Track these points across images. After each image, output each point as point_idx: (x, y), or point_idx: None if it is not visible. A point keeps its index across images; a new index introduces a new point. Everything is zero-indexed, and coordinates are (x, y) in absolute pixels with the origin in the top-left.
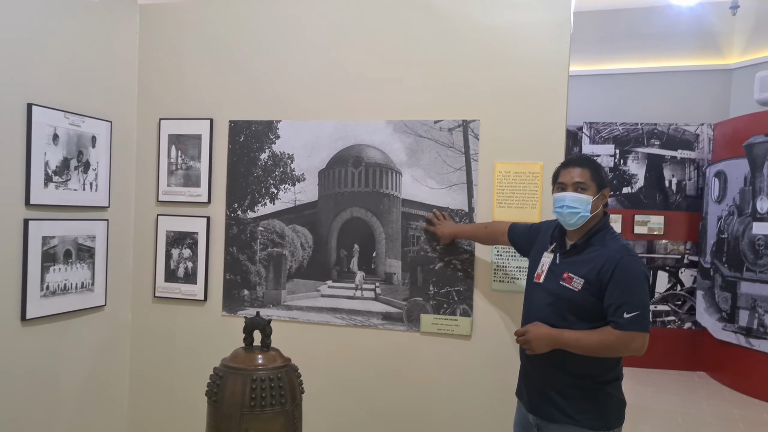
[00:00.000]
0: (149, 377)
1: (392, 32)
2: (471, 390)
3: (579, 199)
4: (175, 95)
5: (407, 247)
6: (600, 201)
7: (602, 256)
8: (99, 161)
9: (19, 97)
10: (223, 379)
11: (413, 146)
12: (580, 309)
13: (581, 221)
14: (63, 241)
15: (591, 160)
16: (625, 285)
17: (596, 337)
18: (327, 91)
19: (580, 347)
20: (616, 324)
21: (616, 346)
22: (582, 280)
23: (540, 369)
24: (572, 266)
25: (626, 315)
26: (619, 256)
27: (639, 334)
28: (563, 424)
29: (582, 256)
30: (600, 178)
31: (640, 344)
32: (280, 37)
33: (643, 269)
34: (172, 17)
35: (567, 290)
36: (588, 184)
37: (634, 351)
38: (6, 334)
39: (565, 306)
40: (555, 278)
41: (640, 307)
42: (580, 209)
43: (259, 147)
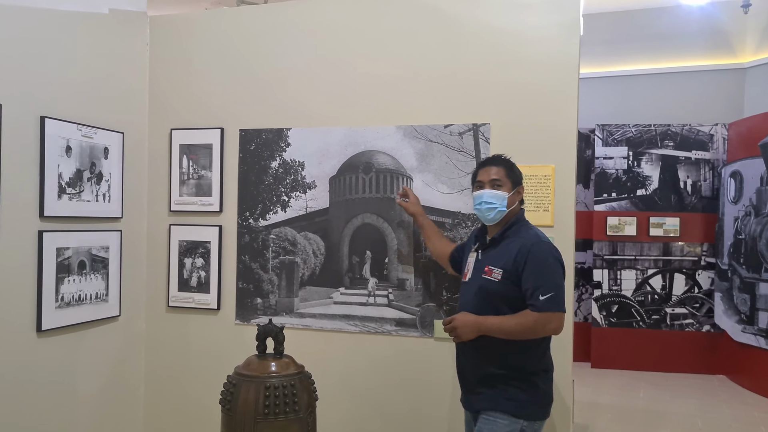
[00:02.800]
0: (164, 386)
1: (400, 37)
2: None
3: (496, 195)
4: (185, 105)
5: (419, 253)
6: (515, 197)
7: (517, 245)
8: (111, 172)
9: (32, 110)
10: (237, 387)
11: (424, 151)
12: (503, 298)
13: (499, 216)
14: (77, 252)
15: (506, 159)
16: (539, 269)
17: (516, 320)
18: (336, 98)
19: (502, 331)
20: (533, 306)
21: (535, 327)
22: (501, 271)
23: (473, 363)
24: (492, 259)
25: (541, 297)
26: (531, 243)
27: (555, 314)
28: (489, 410)
29: (499, 248)
30: (515, 175)
31: (557, 324)
32: (289, 46)
33: (555, 254)
34: (181, 28)
35: (489, 282)
36: (503, 181)
37: (552, 331)
38: (22, 346)
39: (488, 297)
40: (478, 273)
41: (554, 289)
42: (497, 204)
43: (270, 155)
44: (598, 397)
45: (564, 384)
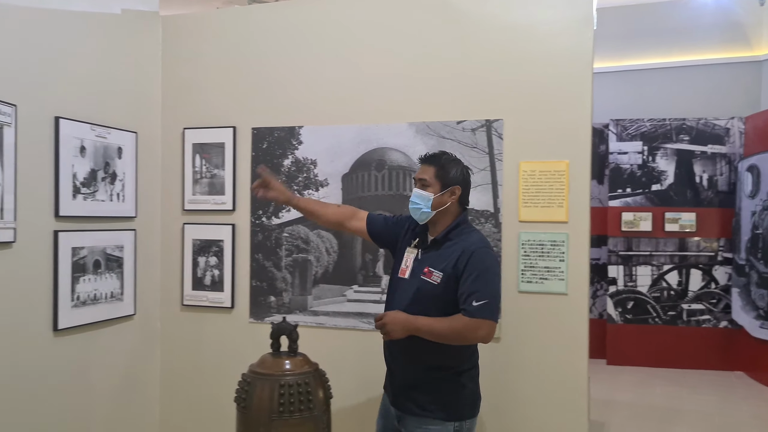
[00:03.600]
0: (179, 384)
1: (411, 34)
2: (501, 394)
3: (420, 196)
4: (198, 104)
5: None
6: (445, 198)
7: (459, 249)
8: (125, 172)
9: (46, 111)
10: (252, 385)
11: (436, 147)
12: (440, 301)
13: (424, 216)
14: (92, 251)
15: (439, 158)
16: (477, 275)
17: (446, 324)
18: (348, 96)
19: (432, 333)
20: (465, 311)
21: (464, 332)
22: (441, 274)
23: (400, 362)
24: (432, 261)
25: (475, 303)
26: (474, 248)
27: (486, 321)
28: (419, 416)
29: (441, 250)
30: (446, 175)
31: (487, 332)
32: (300, 44)
33: (494, 261)
34: (193, 28)
35: (427, 284)
36: (430, 181)
37: (481, 338)
38: (39, 345)
39: (426, 299)
40: (417, 273)
41: (489, 296)
42: (421, 205)
43: (282, 153)
44: (614, 395)
45: (579, 381)
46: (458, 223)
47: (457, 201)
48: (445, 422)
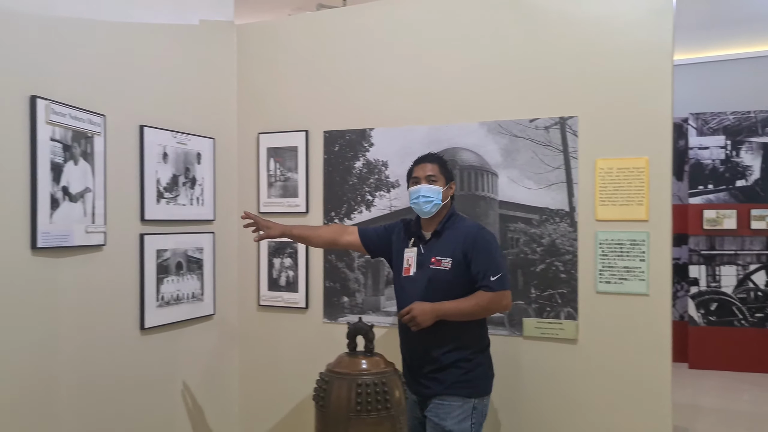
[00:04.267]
0: (257, 382)
1: (481, 32)
2: (578, 395)
3: (431, 190)
4: (271, 110)
5: (506, 250)
6: (448, 191)
7: (461, 234)
8: (204, 177)
9: (132, 120)
10: (329, 384)
11: (508, 147)
12: (452, 285)
13: (435, 209)
14: (174, 253)
15: (439, 157)
16: (486, 253)
17: (472, 301)
18: (418, 96)
19: (459, 313)
20: (486, 287)
21: (490, 305)
22: (450, 259)
23: (420, 350)
24: (438, 250)
25: (492, 278)
26: (476, 231)
27: (505, 292)
28: (442, 395)
29: (442, 240)
30: (447, 172)
31: (508, 301)
32: (370, 47)
33: (496, 240)
34: (267, 35)
35: (439, 271)
36: (437, 176)
37: (504, 307)
38: (128, 343)
39: (439, 286)
40: (425, 266)
41: (501, 270)
42: (433, 198)
43: (354, 155)
44: (698, 400)
45: (662, 385)
46: (452, 214)
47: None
48: (466, 399)
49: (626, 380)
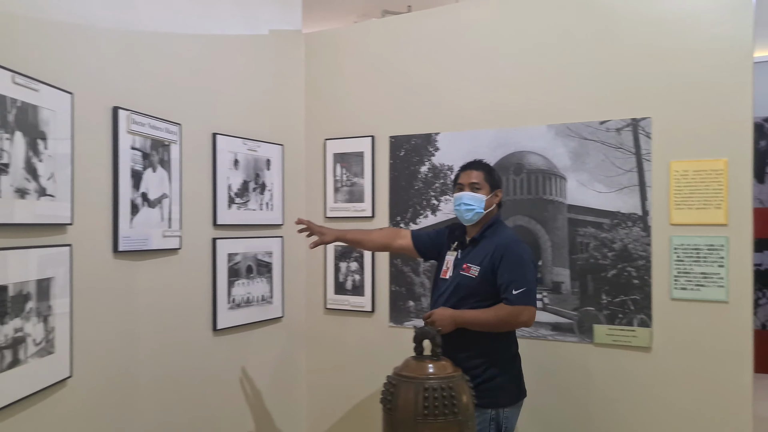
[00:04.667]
0: (324, 384)
1: (548, 32)
2: (652, 405)
3: (474, 198)
4: (338, 116)
5: (575, 255)
6: (493, 199)
7: (493, 244)
8: (273, 182)
9: (205, 128)
10: (397, 388)
11: (577, 149)
12: (478, 293)
13: (476, 217)
14: (245, 257)
15: (485, 164)
16: (513, 266)
17: (491, 313)
18: (485, 100)
19: (478, 323)
20: (507, 300)
21: (508, 319)
22: (478, 268)
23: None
24: (470, 257)
25: (515, 291)
26: (507, 242)
27: (527, 307)
28: None
29: (478, 247)
30: (492, 179)
31: (528, 317)
32: (435, 51)
33: (529, 254)
34: (333, 43)
35: (466, 278)
36: (482, 184)
37: (523, 323)
38: (201, 343)
39: (463, 292)
40: (456, 271)
41: (526, 284)
42: (475, 206)
43: (419, 160)
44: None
45: (743, 397)
46: (493, 222)
47: (497, 204)
48: (483, 409)
49: (704, 391)
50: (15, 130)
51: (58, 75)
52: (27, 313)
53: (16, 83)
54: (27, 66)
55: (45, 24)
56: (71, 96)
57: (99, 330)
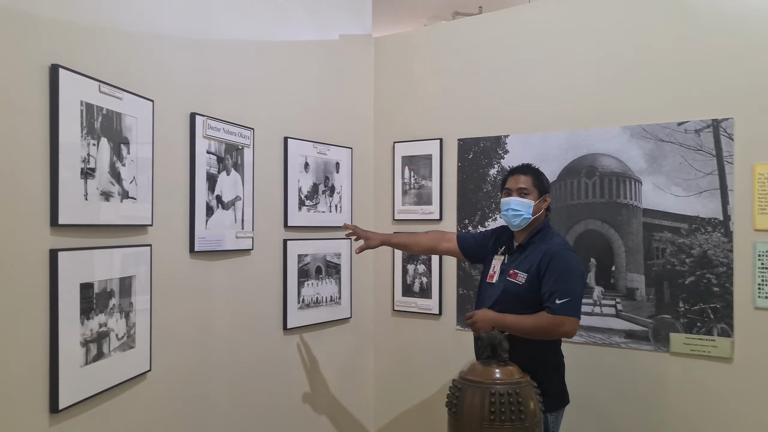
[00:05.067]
0: (391, 385)
1: (623, 30)
2: (731, 419)
3: (522, 203)
4: (407, 119)
5: (651, 260)
6: (541, 204)
7: (541, 250)
8: (342, 185)
9: (277, 132)
10: (462, 392)
11: (654, 152)
12: (524, 300)
13: (524, 222)
14: (314, 258)
15: (534, 168)
16: (559, 274)
17: (532, 320)
18: (556, 102)
19: (518, 328)
20: (549, 309)
21: (548, 328)
22: (525, 274)
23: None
24: (518, 264)
25: (558, 301)
26: (555, 249)
27: (569, 318)
28: None
29: (525, 253)
30: (541, 184)
31: (570, 328)
32: (506, 53)
33: (577, 262)
34: (402, 46)
35: (513, 284)
36: (530, 189)
37: (564, 334)
38: (272, 342)
39: (510, 298)
40: (504, 276)
41: (570, 295)
42: (523, 212)
43: (488, 163)
44: None
45: None
46: (541, 228)
47: (547, 208)
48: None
49: None
50: (101, 136)
51: (140, 84)
52: (110, 309)
53: (102, 92)
54: (111, 76)
55: (128, 36)
56: (152, 103)
57: (176, 326)
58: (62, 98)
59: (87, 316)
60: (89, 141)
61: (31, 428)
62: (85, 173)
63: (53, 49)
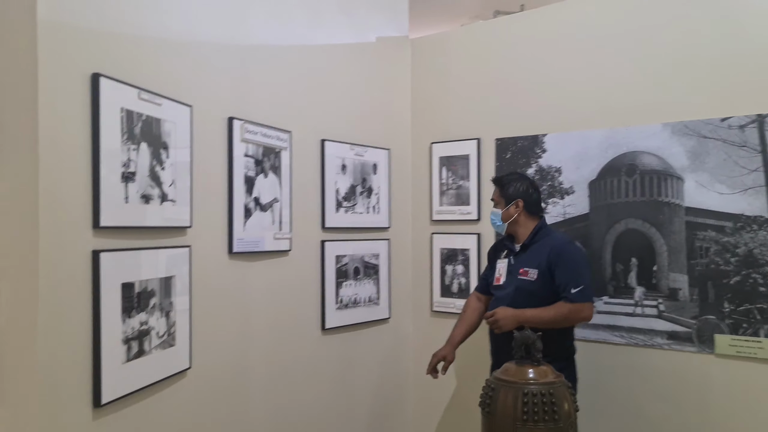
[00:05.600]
0: (431, 387)
1: (662, 24)
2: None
3: (493, 212)
4: (444, 119)
5: (694, 260)
6: (512, 209)
7: (547, 246)
8: (380, 186)
9: (314, 135)
10: (496, 391)
11: (696, 149)
12: (537, 294)
13: (500, 228)
14: (352, 259)
15: (499, 179)
16: (570, 266)
17: (553, 311)
18: (595, 99)
19: (539, 320)
20: (566, 298)
21: (570, 315)
22: (536, 270)
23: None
24: (525, 262)
25: (573, 290)
26: (560, 244)
27: (586, 304)
28: None
29: (529, 252)
30: (507, 194)
31: (588, 313)
32: (544, 51)
33: (582, 254)
34: (439, 47)
35: (525, 282)
36: (498, 200)
37: (584, 319)
38: (310, 342)
39: (524, 294)
40: (513, 276)
41: (583, 283)
42: (496, 219)
43: (526, 162)
44: None
45: None
46: (539, 228)
47: (525, 210)
48: None
49: None
50: (141, 141)
51: (178, 90)
52: (151, 308)
53: (141, 99)
54: (151, 83)
55: (166, 44)
56: (190, 108)
57: (215, 326)
58: (103, 105)
59: (128, 314)
60: (129, 146)
61: (76, 421)
62: (125, 177)
63: (94, 58)
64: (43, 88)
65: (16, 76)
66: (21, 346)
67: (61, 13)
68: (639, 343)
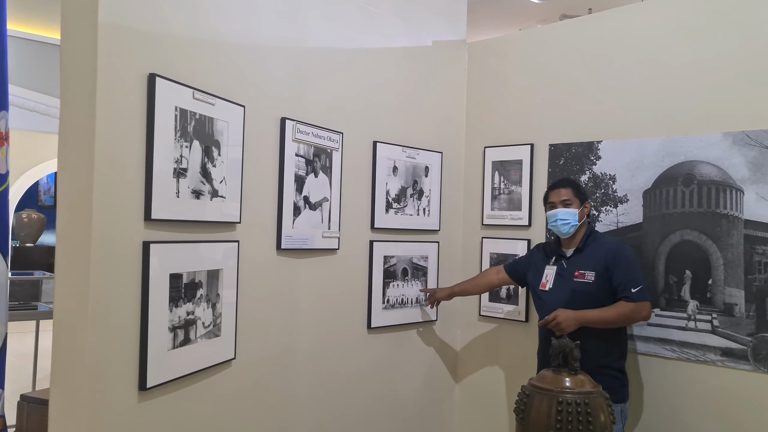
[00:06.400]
0: (477, 390)
1: (730, 29)
2: None
3: (568, 213)
4: (498, 124)
5: (752, 275)
6: (584, 211)
7: (602, 250)
8: (431, 189)
9: (366, 137)
10: (530, 398)
11: (758, 160)
12: (595, 296)
13: (572, 229)
14: (400, 260)
15: (572, 180)
16: (627, 267)
17: (615, 311)
18: (653, 107)
19: (602, 321)
20: (627, 298)
21: (632, 315)
22: (593, 273)
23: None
24: (580, 265)
25: (633, 289)
26: (615, 247)
27: (646, 303)
28: None
29: (584, 255)
30: (581, 194)
31: (648, 311)
32: (599, 56)
33: (634, 255)
34: (496, 51)
35: (582, 284)
36: (572, 200)
37: (644, 317)
38: (355, 339)
39: (581, 297)
40: (566, 280)
41: (642, 282)
42: (570, 220)
43: (579, 169)
44: None
45: None
46: (591, 231)
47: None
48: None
49: None
50: (193, 139)
51: (232, 90)
52: (198, 299)
53: (195, 98)
54: (205, 83)
55: (222, 46)
56: (243, 108)
57: (261, 319)
58: (158, 104)
59: (175, 304)
60: (182, 143)
61: (122, 403)
62: (177, 173)
63: (151, 59)
64: (102, 87)
65: (77, 75)
66: (73, 331)
67: (121, 16)
68: (691, 359)
